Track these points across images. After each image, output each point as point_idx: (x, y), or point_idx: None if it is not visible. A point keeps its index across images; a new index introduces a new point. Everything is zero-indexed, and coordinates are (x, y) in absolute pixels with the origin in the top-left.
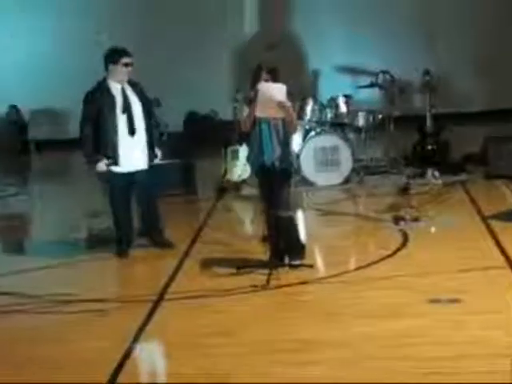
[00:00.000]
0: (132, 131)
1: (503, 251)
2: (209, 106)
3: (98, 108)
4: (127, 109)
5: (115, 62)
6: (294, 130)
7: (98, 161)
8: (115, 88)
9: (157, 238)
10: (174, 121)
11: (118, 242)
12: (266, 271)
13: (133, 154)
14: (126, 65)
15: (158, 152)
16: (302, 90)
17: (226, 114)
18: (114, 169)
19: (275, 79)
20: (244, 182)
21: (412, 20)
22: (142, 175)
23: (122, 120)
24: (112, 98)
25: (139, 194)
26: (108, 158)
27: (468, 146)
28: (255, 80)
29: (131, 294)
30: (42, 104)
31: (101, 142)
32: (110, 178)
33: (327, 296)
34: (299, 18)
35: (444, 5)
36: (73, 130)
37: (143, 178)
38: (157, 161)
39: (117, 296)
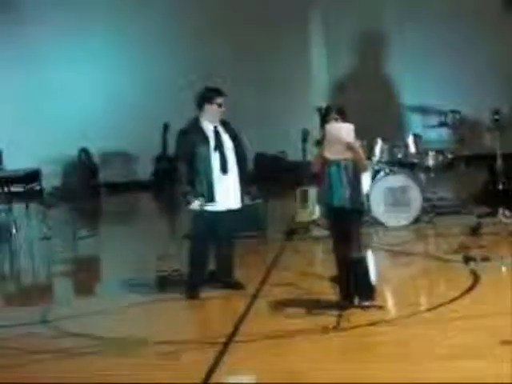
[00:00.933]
0: (224, 169)
1: None
2: (278, 146)
3: (191, 146)
4: (219, 147)
5: (211, 102)
6: (364, 170)
7: (191, 199)
8: (208, 127)
9: (227, 279)
10: None
11: (190, 282)
12: (337, 312)
13: (226, 192)
14: (221, 105)
15: (251, 190)
16: (371, 130)
17: (295, 154)
18: (206, 207)
19: (344, 119)
20: (314, 222)
21: (481, 58)
22: (232, 215)
23: (214, 158)
24: (205, 136)
25: (221, 234)
26: (202, 196)
27: None
28: (324, 120)
29: (201, 335)
30: (111, 147)
31: (196, 180)
32: (198, 217)
33: (398, 337)
34: (369, 59)
35: None
36: (142, 171)
37: (230, 218)
38: (249, 200)
39: (187, 338)
